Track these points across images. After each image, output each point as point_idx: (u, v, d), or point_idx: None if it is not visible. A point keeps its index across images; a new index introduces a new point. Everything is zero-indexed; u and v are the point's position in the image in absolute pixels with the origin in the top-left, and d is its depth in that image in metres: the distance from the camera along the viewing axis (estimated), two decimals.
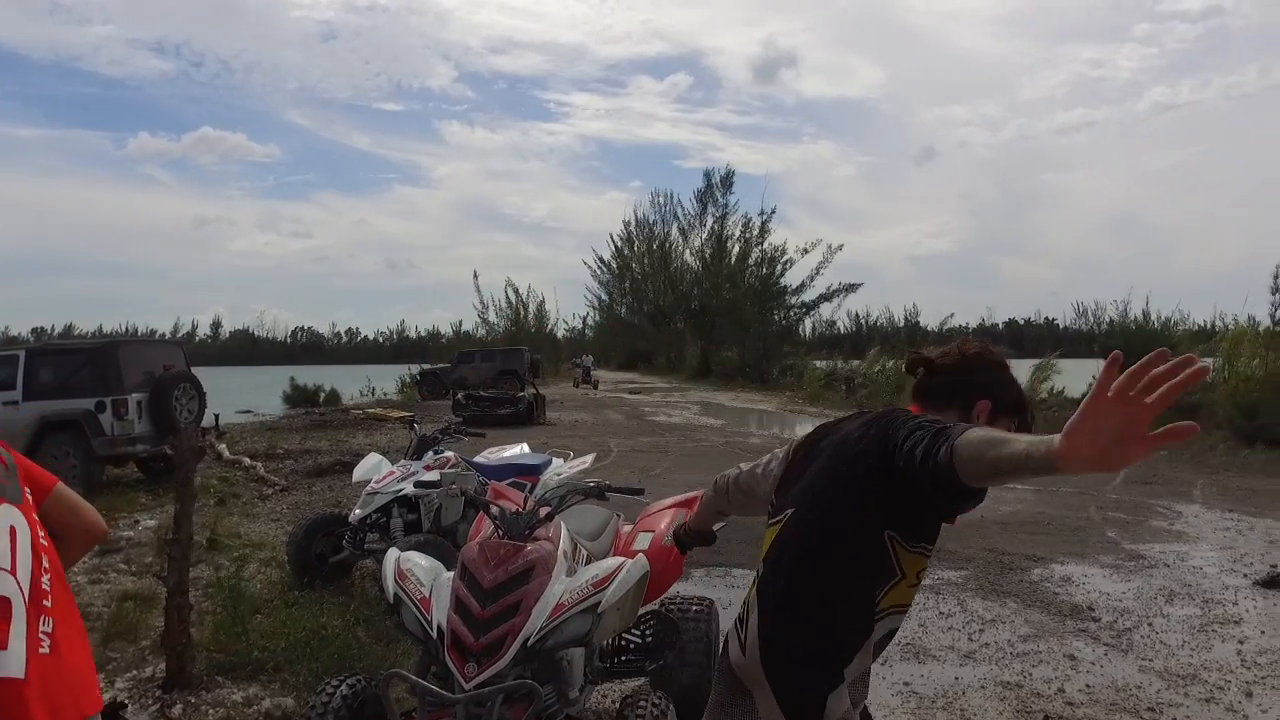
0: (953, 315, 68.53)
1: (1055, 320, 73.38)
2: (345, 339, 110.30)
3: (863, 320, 58.80)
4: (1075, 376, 19.74)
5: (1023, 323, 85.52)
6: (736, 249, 46.62)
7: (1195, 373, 1.09)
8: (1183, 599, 5.75)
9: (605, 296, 59.12)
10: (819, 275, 42.60)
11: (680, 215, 51.56)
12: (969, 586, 6.06)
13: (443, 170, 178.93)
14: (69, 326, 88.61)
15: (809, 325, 46.38)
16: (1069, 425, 1.16)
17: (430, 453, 6.22)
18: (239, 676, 4.30)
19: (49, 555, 1.70)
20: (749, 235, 45.86)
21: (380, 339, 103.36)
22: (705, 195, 48.89)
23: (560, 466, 5.90)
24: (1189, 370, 1.09)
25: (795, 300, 44.27)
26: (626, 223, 56.80)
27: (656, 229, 53.91)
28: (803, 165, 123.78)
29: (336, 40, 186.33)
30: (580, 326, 62.35)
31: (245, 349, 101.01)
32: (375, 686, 2.95)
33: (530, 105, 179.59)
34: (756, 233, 45.31)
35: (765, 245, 44.90)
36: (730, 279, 45.51)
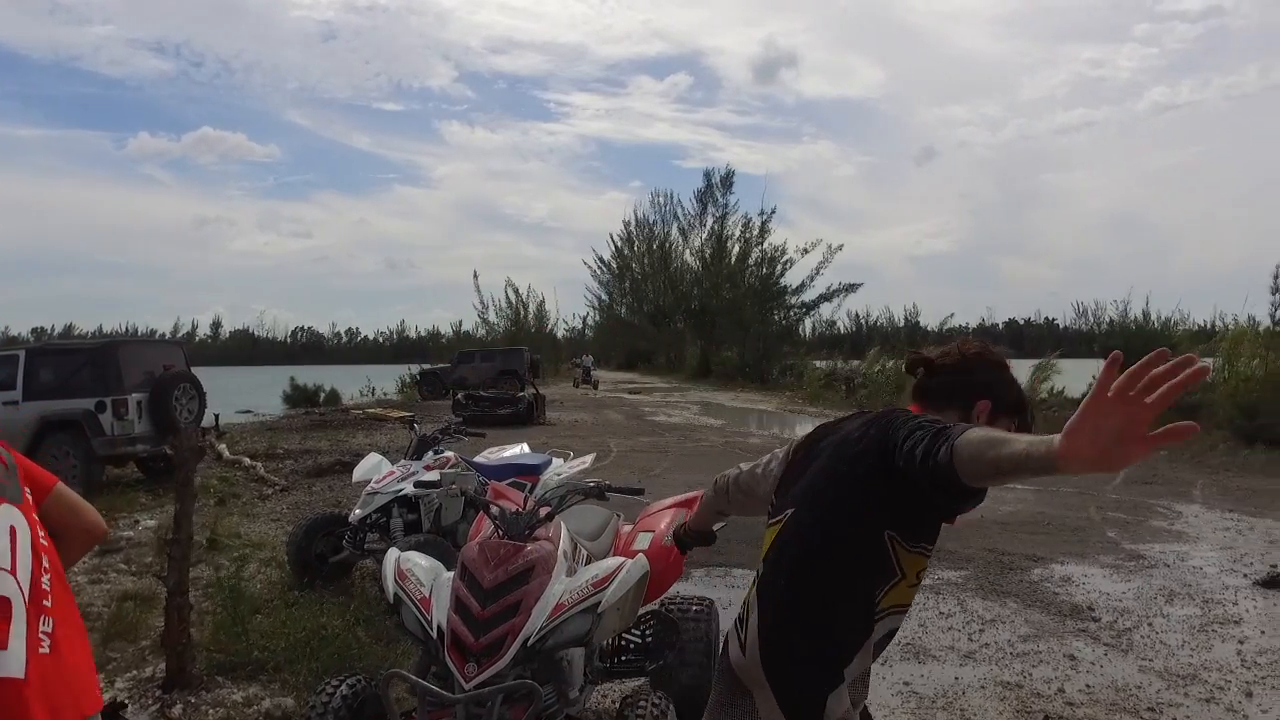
0: (953, 315, 68.62)
1: (1055, 320, 73.49)
2: (345, 339, 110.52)
3: (863, 320, 58.87)
4: (1075, 376, 19.74)
5: (1023, 323, 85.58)
6: (736, 249, 46.65)
7: (1195, 373, 1.09)
8: (1183, 599, 5.75)
9: (605, 296, 59.18)
10: (819, 275, 42.68)
11: (680, 215, 51.60)
12: (969, 586, 6.06)
13: (443, 170, 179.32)
14: (69, 326, 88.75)
15: (809, 325, 46.45)
16: (1069, 425, 1.16)
17: (430, 453, 6.22)
18: (239, 676, 4.30)
19: (49, 555, 1.70)
20: (749, 235, 45.90)
21: (380, 339, 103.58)
22: (705, 195, 48.93)
23: (560, 466, 5.90)
24: (1189, 370, 1.09)
25: (795, 300, 44.32)
26: (626, 223, 56.88)
27: (656, 229, 53.96)
28: (803, 165, 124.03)
29: (336, 40, 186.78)
30: (580, 326, 62.46)
31: (245, 349, 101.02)
32: (375, 686, 2.95)
33: (530, 105, 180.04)
34: (756, 233, 45.36)
35: (765, 245, 44.96)
36: (730, 279, 45.51)
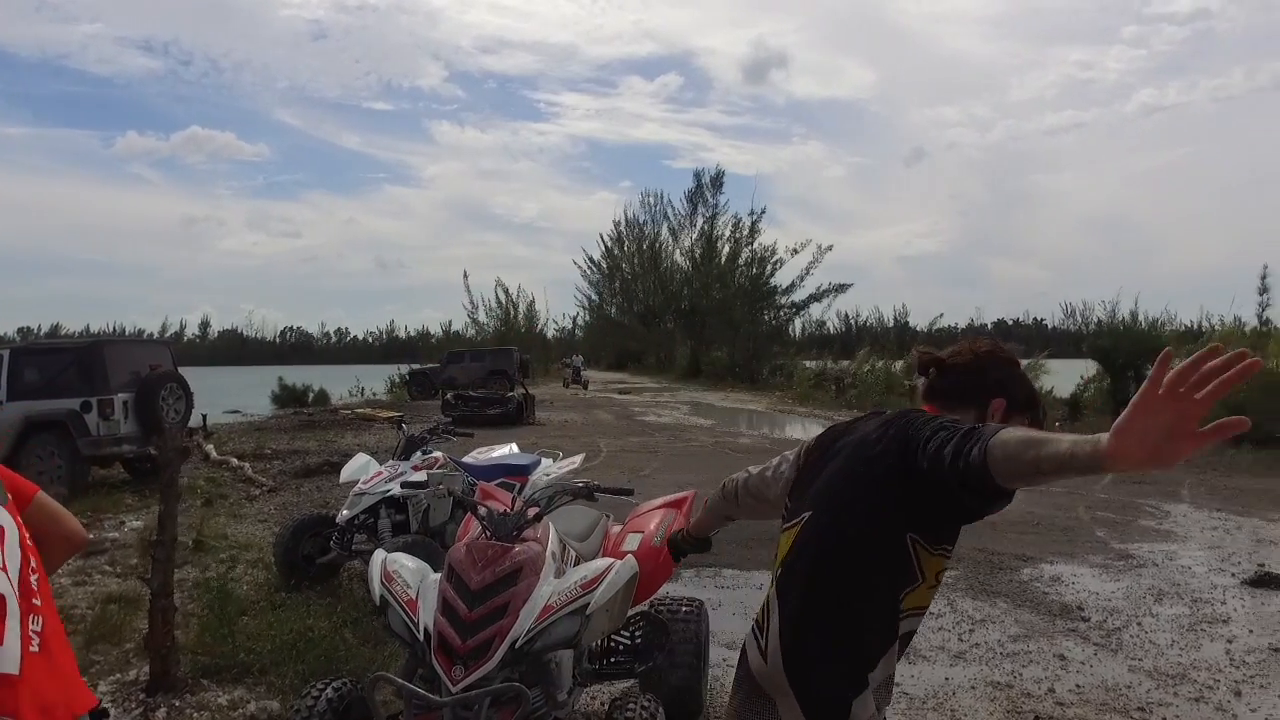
0: (942, 315, 69.13)
1: (1044, 320, 73.98)
2: (334, 339, 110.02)
3: (852, 320, 59.30)
4: (1063, 376, 19.87)
5: (1011, 323, 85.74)
6: (726, 249, 46.78)
7: (1249, 366, 1.08)
8: (1171, 598, 5.77)
9: (595, 296, 59.12)
10: (809, 275, 42.93)
11: (670, 215, 51.73)
12: (959, 586, 6.06)
13: (432, 170, 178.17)
14: (55, 326, 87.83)
15: (799, 325, 46.78)
16: (1117, 424, 1.15)
17: (418, 453, 6.19)
18: (224, 679, 4.26)
19: (35, 556, 1.68)
20: (739, 235, 46.08)
21: (369, 339, 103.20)
22: (695, 195, 49.09)
23: (549, 467, 5.89)
24: (1243, 364, 1.08)
25: (785, 300, 44.57)
26: (616, 223, 56.86)
27: (646, 229, 54.00)
28: (793, 166, 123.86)
29: (326, 39, 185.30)
30: (570, 326, 62.31)
31: (234, 349, 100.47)
32: (361, 689, 2.93)
33: (520, 105, 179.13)
34: (746, 233, 45.55)
35: (755, 245, 45.19)
36: (720, 279, 45.61)
